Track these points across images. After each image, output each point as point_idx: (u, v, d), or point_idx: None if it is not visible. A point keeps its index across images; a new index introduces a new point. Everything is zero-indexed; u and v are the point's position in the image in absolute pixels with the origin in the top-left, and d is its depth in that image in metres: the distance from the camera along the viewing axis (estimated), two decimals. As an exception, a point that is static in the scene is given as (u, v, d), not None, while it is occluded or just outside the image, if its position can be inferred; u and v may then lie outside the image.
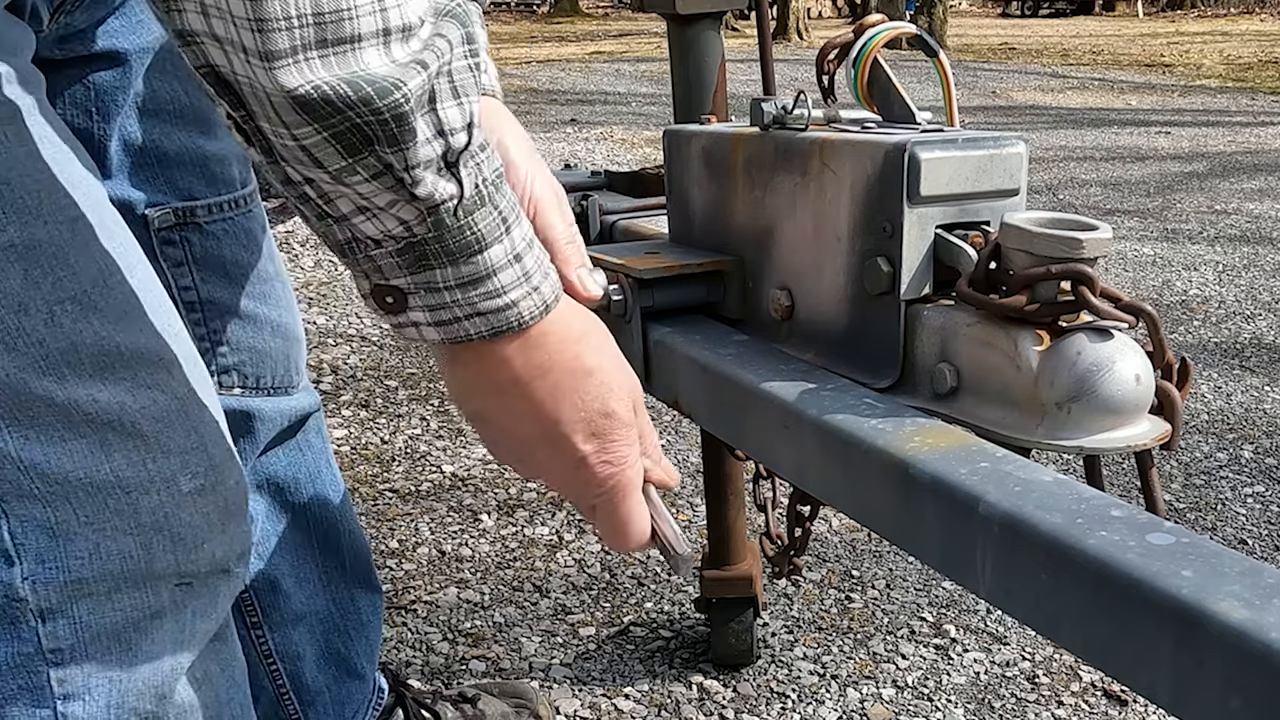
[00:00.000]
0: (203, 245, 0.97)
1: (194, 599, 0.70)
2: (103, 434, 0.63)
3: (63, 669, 0.65)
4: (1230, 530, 1.99)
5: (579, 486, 0.68)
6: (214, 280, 0.98)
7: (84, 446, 0.63)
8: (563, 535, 1.96)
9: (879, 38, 0.80)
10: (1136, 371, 0.63)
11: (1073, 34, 20.36)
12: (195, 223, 0.96)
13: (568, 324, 0.63)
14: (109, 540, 0.64)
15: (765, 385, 0.75)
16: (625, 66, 11.48)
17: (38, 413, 0.61)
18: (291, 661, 1.17)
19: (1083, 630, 0.52)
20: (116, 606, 0.66)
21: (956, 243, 0.70)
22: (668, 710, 1.48)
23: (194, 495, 0.68)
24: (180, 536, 0.67)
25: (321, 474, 1.17)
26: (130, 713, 0.68)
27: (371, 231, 0.55)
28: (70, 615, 0.65)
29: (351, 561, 1.22)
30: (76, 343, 0.62)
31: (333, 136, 0.50)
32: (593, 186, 1.29)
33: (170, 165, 0.93)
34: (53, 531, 0.63)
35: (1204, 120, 7.79)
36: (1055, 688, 1.53)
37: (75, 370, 0.62)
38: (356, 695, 1.25)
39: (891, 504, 0.64)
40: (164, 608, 0.68)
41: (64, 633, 0.65)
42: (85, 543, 0.64)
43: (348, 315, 3.18)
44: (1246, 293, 3.51)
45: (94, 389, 0.62)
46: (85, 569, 0.64)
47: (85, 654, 0.66)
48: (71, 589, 0.64)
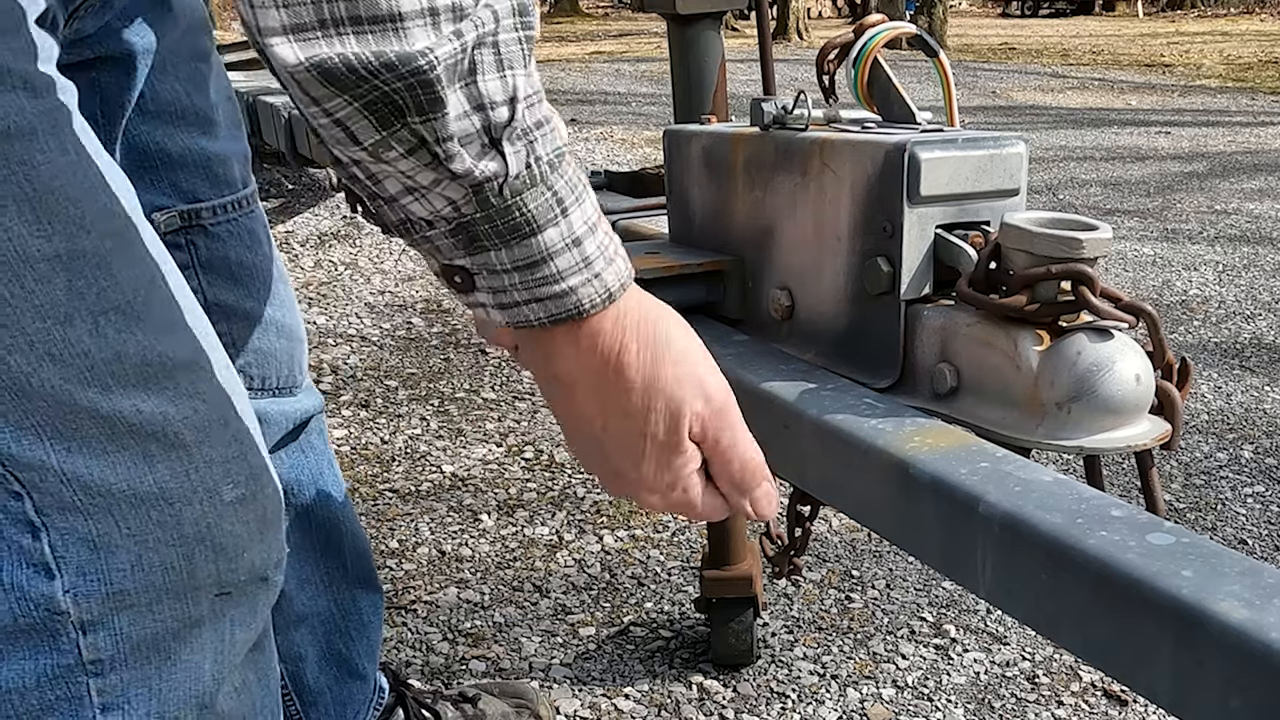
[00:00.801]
0: (208, 248, 0.97)
1: (233, 608, 0.69)
2: (146, 445, 0.63)
3: (102, 679, 0.65)
4: (1230, 530, 1.99)
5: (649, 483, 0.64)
6: (220, 283, 0.98)
7: (127, 458, 0.62)
8: (563, 535, 1.96)
9: (879, 38, 0.80)
10: (1136, 371, 0.63)
11: (1073, 34, 20.36)
12: (200, 225, 0.96)
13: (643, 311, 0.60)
14: (151, 552, 0.64)
15: (765, 385, 0.75)
16: (625, 66, 11.48)
17: (81, 424, 0.60)
18: (293, 663, 1.17)
19: (1083, 630, 0.52)
20: (157, 617, 0.65)
21: (956, 243, 0.70)
22: (668, 710, 1.48)
23: (235, 505, 0.67)
24: (222, 546, 0.67)
25: (324, 475, 1.17)
26: None
27: (421, 212, 0.54)
28: (111, 627, 0.64)
29: (353, 562, 1.22)
30: (121, 353, 0.61)
31: (364, 107, 0.49)
32: (593, 186, 1.29)
33: (174, 167, 0.93)
34: (94, 544, 0.62)
35: (1204, 120, 7.79)
36: (1055, 688, 1.53)
37: (119, 381, 0.61)
38: (358, 695, 1.25)
39: (891, 504, 0.64)
40: (204, 617, 0.67)
41: (105, 644, 0.64)
42: (127, 555, 0.63)
43: (348, 315, 3.18)
44: (1246, 293, 3.51)
45: (138, 399, 0.62)
46: (127, 581, 0.64)
47: (125, 664, 0.65)
48: (113, 601, 0.63)
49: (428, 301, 3.30)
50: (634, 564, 1.86)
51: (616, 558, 1.88)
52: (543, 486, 2.15)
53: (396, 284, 3.45)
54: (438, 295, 3.34)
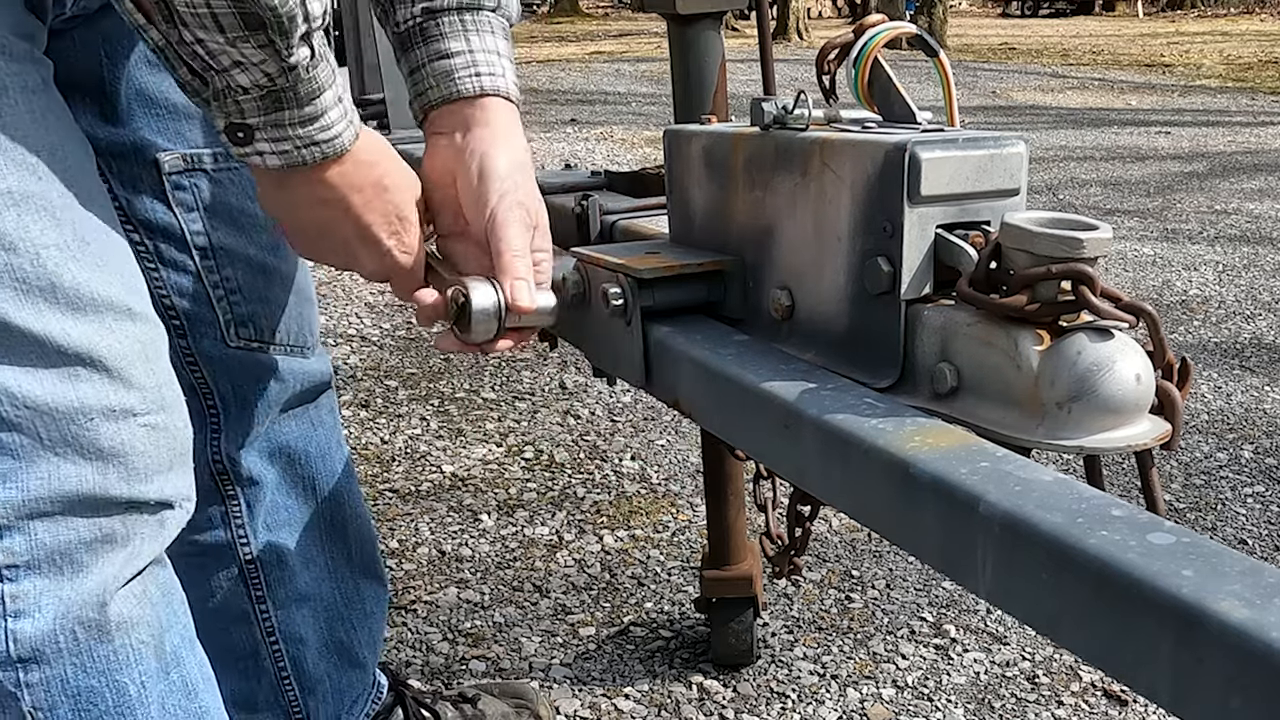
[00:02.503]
0: (211, 191, 1.00)
1: (143, 526, 0.77)
2: (72, 365, 0.71)
3: (15, 584, 0.71)
4: (1230, 530, 1.99)
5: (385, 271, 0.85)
6: (223, 228, 1.01)
7: (54, 376, 0.70)
8: (563, 535, 1.96)
9: (879, 38, 0.80)
10: (1137, 371, 0.63)
11: (1073, 34, 20.36)
12: (203, 169, 0.99)
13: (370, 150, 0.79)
14: (68, 464, 0.71)
15: (765, 385, 0.75)
16: (625, 66, 11.49)
17: (14, 341, 0.68)
18: (294, 645, 1.17)
19: (1083, 630, 0.52)
20: (70, 526, 0.73)
21: (957, 243, 0.70)
22: (668, 710, 1.48)
23: (149, 430, 0.76)
24: (135, 468, 0.75)
25: (332, 453, 1.18)
26: (75, 621, 0.73)
27: (244, 81, 0.69)
28: (26, 532, 0.71)
29: (358, 549, 1.22)
30: (56, 284, 0.70)
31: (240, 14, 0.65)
32: (593, 186, 1.29)
33: (179, 116, 0.97)
34: (15, 453, 0.70)
35: (1204, 120, 7.79)
36: (1055, 688, 1.53)
37: (52, 306, 0.70)
38: (357, 685, 1.25)
39: (891, 504, 0.64)
40: (115, 532, 0.75)
41: (20, 549, 0.71)
42: (46, 465, 0.71)
43: (348, 315, 3.18)
44: (1246, 293, 3.51)
45: (68, 324, 0.70)
46: (43, 488, 0.71)
47: (38, 570, 0.72)
48: (29, 507, 0.71)
49: (428, 301, 3.29)
50: (634, 564, 1.86)
51: (616, 558, 1.88)
52: (543, 486, 2.15)
53: (396, 284, 3.44)
54: (438, 295, 3.34)
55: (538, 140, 6.26)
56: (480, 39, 0.87)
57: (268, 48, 0.67)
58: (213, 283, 1.02)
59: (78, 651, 0.74)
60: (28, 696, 0.73)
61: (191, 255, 1.00)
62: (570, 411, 2.53)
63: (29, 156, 0.70)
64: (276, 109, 0.71)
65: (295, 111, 0.71)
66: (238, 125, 0.71)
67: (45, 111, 0.73)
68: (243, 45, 0.66)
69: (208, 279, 1.01)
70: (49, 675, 0.73)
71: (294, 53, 0.68)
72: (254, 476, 1.10)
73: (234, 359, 1.05)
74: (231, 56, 0.67)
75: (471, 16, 0.88)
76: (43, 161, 0.71)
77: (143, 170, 0.96)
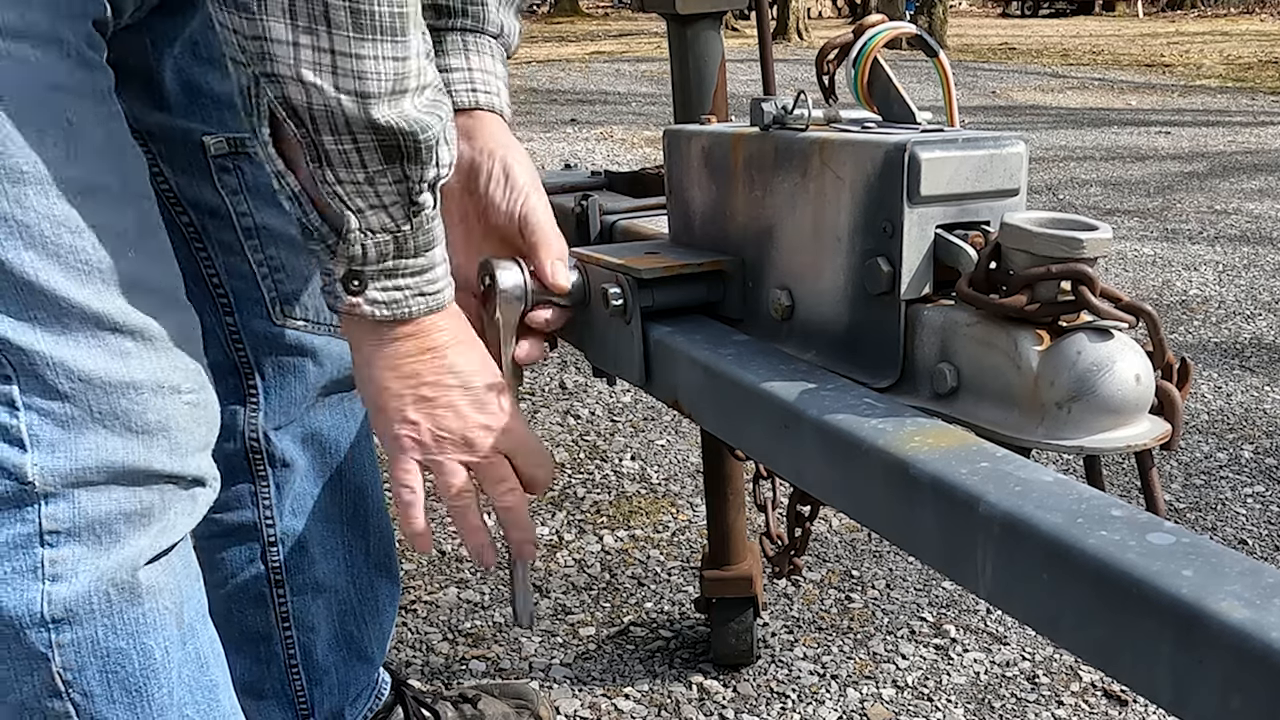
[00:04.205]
0: (254, 174, 1.03)
1: (178, 501, 0.80)
2: (124, 342, 0.75)
3: (56, 549, 0.74)
4: (1230, 530, 1.99)
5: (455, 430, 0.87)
6: (266, 209, 1.04)
7: (107, 352, 0.74)
8: (563, 535, 1.96)
9: (879, 38, 0.80)
10: (1136, 371, 0.63)
11: (1073, 34, 20.36)
12: (246, 153, 1.02)
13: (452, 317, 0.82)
14: (116, 436, 0.75)
15: (765, 385, 0.75)
16: (625, 66, 11.49)
17: (73, 319, 0.72)
18: (306, 633, 1.18)
19: (1083, 630, 0.52)
20: (113, 496, 0.76)
21: (957, 243, 0.70)
22: (668, 710, 1.48)
23: (191, 407, 0.80)
24: (177, 442, 0.79)
25: (362, 445, 1.19)
26: (108, 583, 0.76)
27: (375, 224, 0.73)
28: (70, 499, 0.74)
29: (376, 544, 1.23)
30: (116, 266, 0.74)
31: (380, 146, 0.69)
32: (593, 186, 1.29)
33: (221, 106, 1.00)
34: (66, 424, 0.73)
35: (1204, 120, 7.79)
36: (1055, 688, 1.53)
37: (111, 288, 0.74)
38: (362, 679, 1.25)
39: (891, 504, 0.64)
40: (152, 505, 0.78)
41: (63, 515, 0.73)
42: (95, 436, 0.74)
43: (348, 315, 3.17)
44: (1246, 293, 3.51)
45: (123, 304, 0.75)
46: (91, 458, 0.74)
47: (78, 538, 0.74)
48: (75, 476, 0.73)
49: (428, 301, 3.29)
50: (634, 564, 1.86)
51: (616, 558, 1.88)
52: (543, 486, 2.15)
53: (396, 284, 3.44)
54: (438, 295, 3.34)
55: (538, 140, 6.27)
56: (479, 59, 0.92)
57: (401, 184, 0.71)
58: (257, 261, 1.05)
59: (109, 613, 0.77)
60: (58, 657, 0.75)
61: (238, 235, 1.03)
62: (570, 411, 2.53)
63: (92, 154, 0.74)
64: (398, 255, 0.74)
65: (413, 260, 0.75)
66: (355, 274, 0.74)
67: (109, 117, 0.77)
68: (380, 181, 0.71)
69: (252, 257, 1.04)
70: (80, 636, 0.76)
71: (423, 194, 0.72)
72: (286, 459, 1.12)
73: (278, 337, 1.07)
74: (367, 199, 0.71)
75: (474, 39, 0.92)
76: (103, 160, 0.75)
77: (190, 154, 1.00)
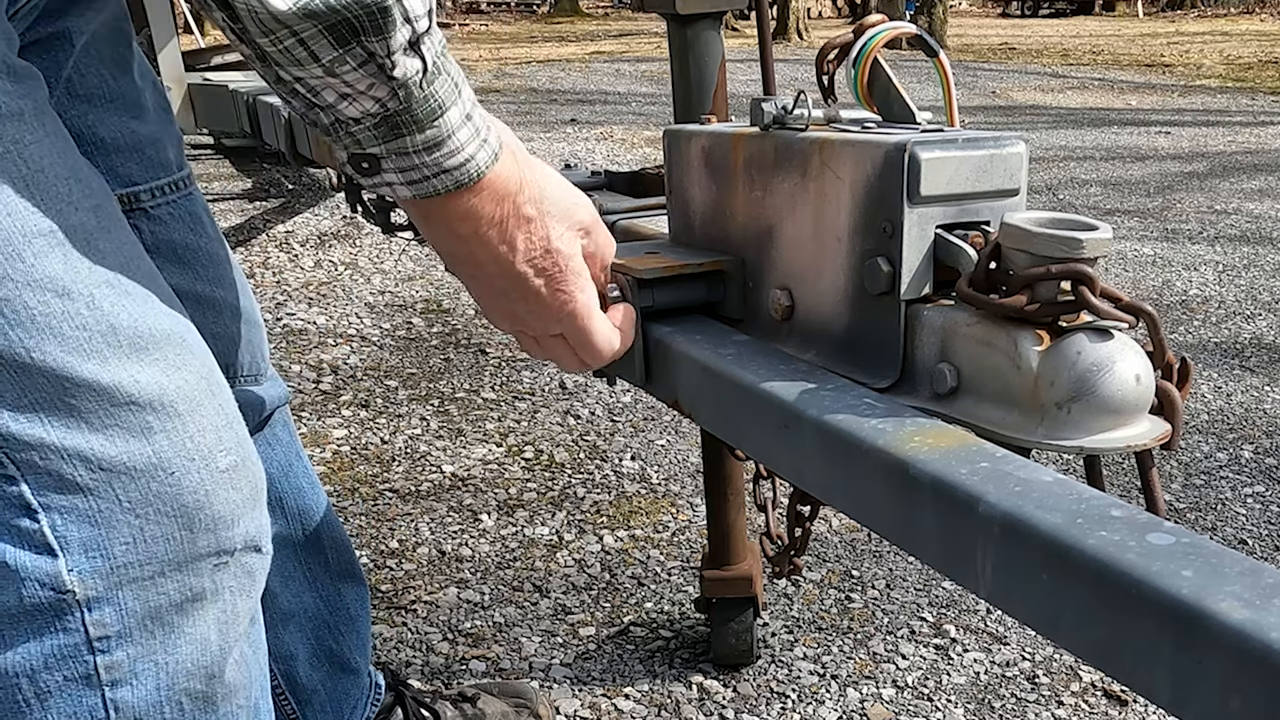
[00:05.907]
0: (152, 231, 0.96)
1: (232, 579, 0.71)
2: (143, 416, 0.64)
3: (109, 655, 0.66)
4: (1230, 530, 1.99)
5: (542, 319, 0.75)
6: (168, 267, 0.95)
7: (126, 431, 0.64)
8: (563, 535, 1.96)
9: (879, 38, 0.80)
10: (1136, 371, 0.63)
11: (1073, 34, 20.36)
12: (141, 208, 0.95)
13: (508, 177, 0.68)
14: (152, 524, 0.66)
15: (765, 385, 0.75)
16: (625, 66, 11.48)
17: (81, 398, 0.62)
18: (285, 661, 1.17)
19: (1083, 630, 0.52)
20: (161, 590, 0.67)
21: (956, 243, 0.70)
22: (668, 710, 1.48)
23: (229, 472, 0.70)
24: (220, 515, 0.69)
25: (293, 468, 1.16)
26: (181, 693, 0.69)
27: (353, 113, 0.60)
28: (116, 602, 0.65)
29: (334, 556, 1.21)
30: (115, 325, 0.63)
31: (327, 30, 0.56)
32: (593, 186, 1.29)
33: (108, 151, 0.92)
34: (95, 520, 0.64)
35: (1204, 120, 7.79)
36: (1055, 688, 1.53)
37: (116, 352, 0.63)
38: (352, 691, 1.25)
39: (891, 504, 0.64)
40: (205, 589, 0.69)
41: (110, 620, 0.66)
42: (129, 528, 0.65)
43: (348, 315, 3.18)
44: (1246, 293, 3.51)
45: (134, 370, 0.64)
46: (130, 554, 0.65)
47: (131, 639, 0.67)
48: (117, 575, 0.65)
49: (428, 301, 3.30)
50: (634, 564, 1.86)
51: (616, 558, 1.88)
52: (543, 486, 2.15)
53: (396, 284, 3.45)
54: (438, 295, 3.34)
55: (538, 140, 6.26)
56: None
57: (368, 64, 0.58)
58: None
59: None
60: None
61: None
62: (570, 411, 2.53)
63: (58, 186, 0.63)
64: (396, 136, 0.62)
65: (416, 137, 0.62)
66: (360, 156, 0.63)
67: (56, 133, 0.65)
68: (341, 70, 0.57)
69: None
70: None
71: (398, 65, 0.58)
72: None
73: None
74: (335, 89, 0.59)
75: None
76: (71, 189, 0.64)
77: None
